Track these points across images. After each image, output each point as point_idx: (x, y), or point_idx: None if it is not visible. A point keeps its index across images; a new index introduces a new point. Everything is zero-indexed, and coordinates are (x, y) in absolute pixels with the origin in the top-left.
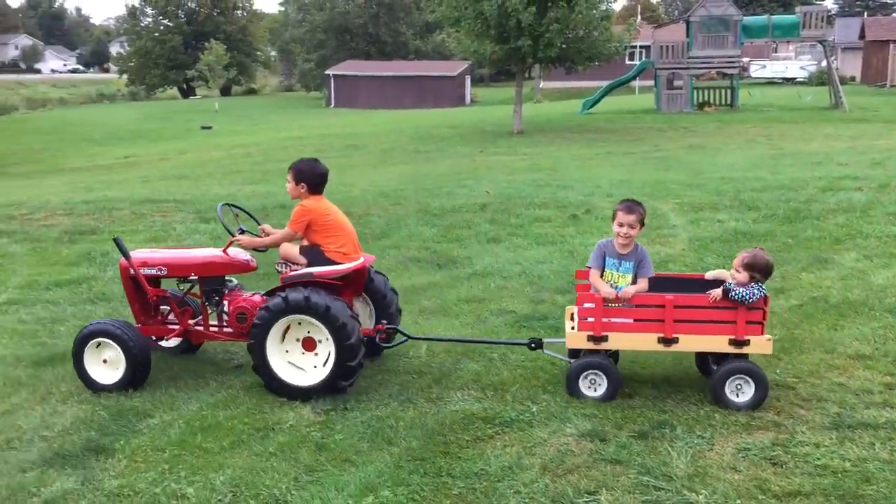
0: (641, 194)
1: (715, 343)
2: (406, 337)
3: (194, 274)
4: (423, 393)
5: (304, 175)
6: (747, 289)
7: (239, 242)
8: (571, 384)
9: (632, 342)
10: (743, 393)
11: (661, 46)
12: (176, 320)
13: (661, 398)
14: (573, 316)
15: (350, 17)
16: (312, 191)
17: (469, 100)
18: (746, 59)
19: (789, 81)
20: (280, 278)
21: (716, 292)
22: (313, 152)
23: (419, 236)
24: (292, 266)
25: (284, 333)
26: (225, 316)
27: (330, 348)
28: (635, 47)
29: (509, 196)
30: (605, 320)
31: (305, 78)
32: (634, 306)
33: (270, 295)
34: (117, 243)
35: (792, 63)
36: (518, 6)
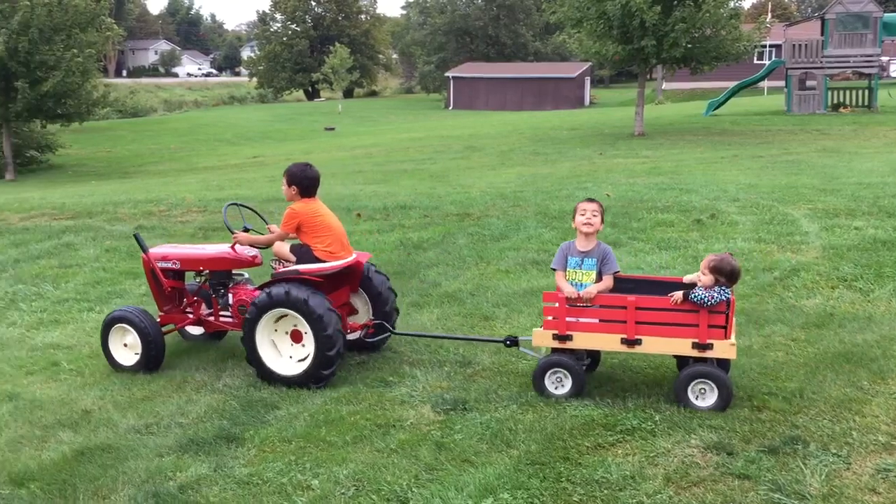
0: (771, 199)
1: (678, 346)
2: (389, 332)
3: (203, 268)
4: (543, 397)
5: (296, 178)
6: (707, 292)
7: (237, 240)
8: (537, 382)
9: (596, 342)
10: (706, 397)
11: (793, 45)
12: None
13: (793, 412)
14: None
15: (470, 20)
16: (304, 194)
17: (588, 101)
18: (886, 58)
19: None
20: (271, 274)
21: (677, 295)
22: (432, 154)
23: (538, 238)
24: (284, 263)
25: (275, 326)
26: (229, 307)
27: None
28: (765, 46)
29: (630, 199)
30: (572, 320)
31: (425, 80)
32: (598, 307)
33: (261, 289)
34: (137, 239)
35: None
36: (642, 6)
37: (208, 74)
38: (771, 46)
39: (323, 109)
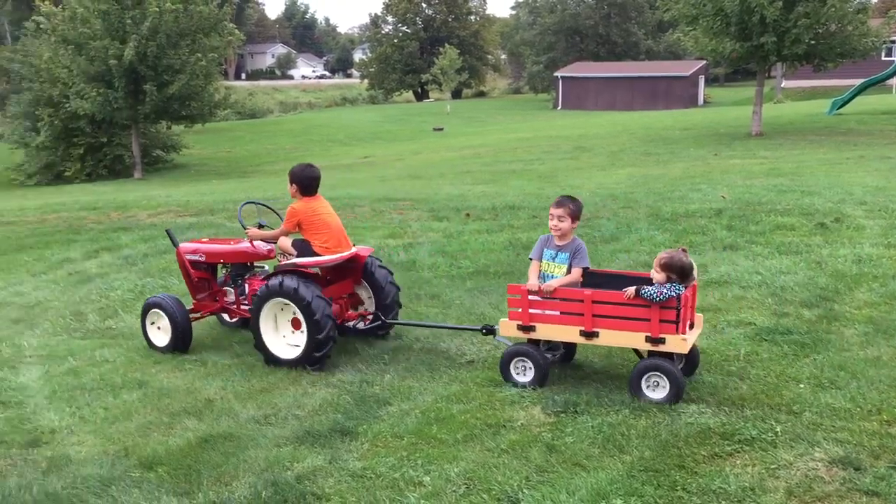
0: None
1: (633, 339)
2: (381, 321)
3: (223, 261)
4: (657, 402)
5: (296, 178)
6: (657, 288)
7: (250, 235)
8: (503, 369)
9: (557, 333)
10: (659, 389)
11: None
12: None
13: None
14: None
15: (580, 19)
16: (304, 192)
17: (702, 100)
18: None
19: None
20: (275, 267)
21: (630, 290)
22: (541, 154)
23: (650, 241)
24: (287, 257)
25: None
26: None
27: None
28: (894, 42)
29: (747, 201)
30: (537, 311)
31: (533, 80)
32: (559, 299)
33: (266, 281)
34: (169, 234)
35: None
36: (762, 1)
37: (322, 76)
38: None
39: (432, 110)
